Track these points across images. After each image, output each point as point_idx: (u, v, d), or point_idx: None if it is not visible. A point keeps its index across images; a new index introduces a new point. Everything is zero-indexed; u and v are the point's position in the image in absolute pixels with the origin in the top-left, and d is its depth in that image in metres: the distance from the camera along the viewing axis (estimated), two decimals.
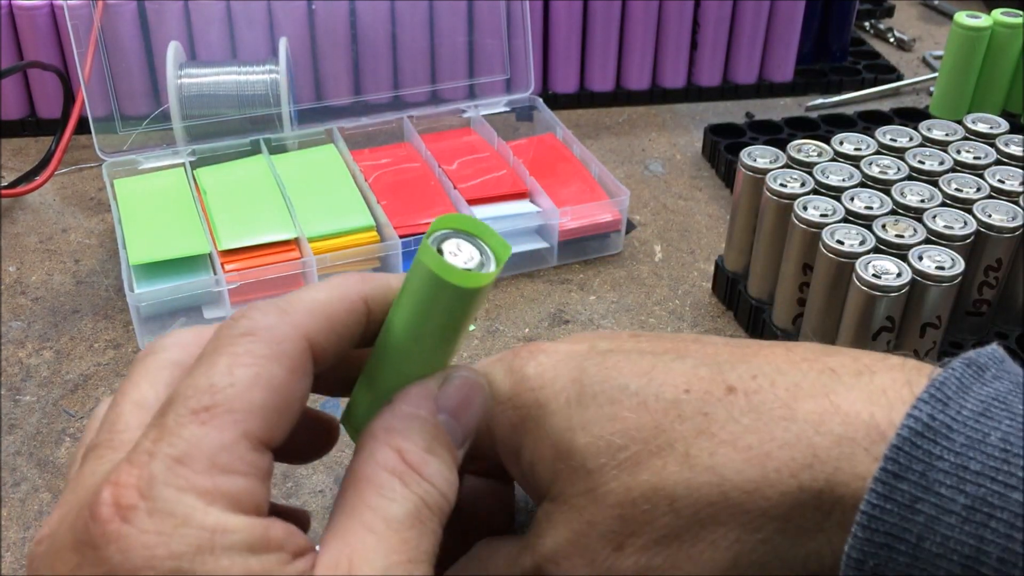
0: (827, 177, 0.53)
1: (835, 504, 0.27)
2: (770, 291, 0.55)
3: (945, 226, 0.49)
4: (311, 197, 0.61)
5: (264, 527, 0.25)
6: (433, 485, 0.28)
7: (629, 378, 0.30)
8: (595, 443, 0.29)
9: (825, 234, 0.49)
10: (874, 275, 0.46)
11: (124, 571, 0.23)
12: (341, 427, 0.33)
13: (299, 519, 0.33)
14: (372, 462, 0.28)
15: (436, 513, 0.28)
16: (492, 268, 0.29)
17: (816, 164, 0.54)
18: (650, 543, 0.28)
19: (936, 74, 0.79)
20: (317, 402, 0.47)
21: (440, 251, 0.29)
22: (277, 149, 0.66)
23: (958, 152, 0.55)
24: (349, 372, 0.32)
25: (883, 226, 0.49)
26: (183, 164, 0.64)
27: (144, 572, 0.23)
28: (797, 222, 0.51)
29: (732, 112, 0.80)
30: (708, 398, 0.29)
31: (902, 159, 0.54)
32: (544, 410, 0.31)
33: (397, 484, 0.27)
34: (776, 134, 0.73)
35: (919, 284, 0.47)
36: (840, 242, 0.48)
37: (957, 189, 0.52)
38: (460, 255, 0.29)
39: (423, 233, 0.58)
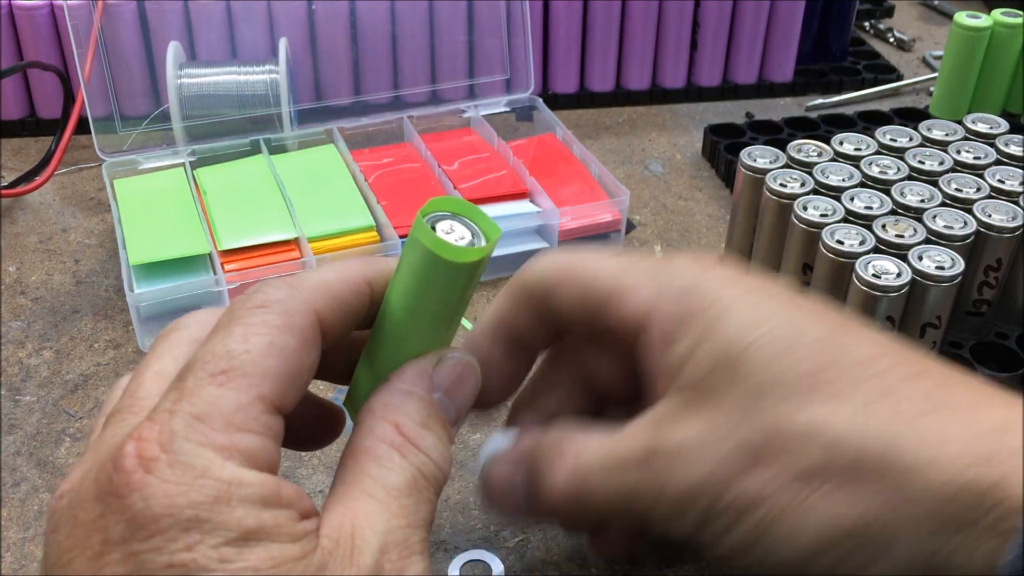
0: (827, 177, 0.53)
1: (995, 506, 0.26)
2: None
3: (945, 226, 0.49)
4: (311, 197, 0.61)
5: (276, 484, 0.26)
6: (429, 457, 0.30)
7: (819, 325, 0.30)
8: (773, 364, 0.29)
9: (825, 234, 0.49)
10: (874, 275, 0.46)
11: (145, 518, 0.24)
12: (347, 417, 0.34)
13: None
14: (371, 435, 0.29)
15: (432, 483, 0.30)
16: (483, 243, 0.30)
17: (816, 164, 0.54)
18: (786, 475, 0.28)
19: (936, 74, 0.79)
20: (329, 394, 0.47)
21: (433, 229, 0.30)
22: (277, 149, 0.66)
23: (958, 152, 0.55)
24: (351, 358, 0.34)
25: (883, 226, 0.49)
26: (183, 164, 0.64)
27: (164, 519, 0.24)
28: (797, 222, 0.51)
29: (732, 112, 0.80)
30: (899, 370, 0.29)
31: (902, 159, 0.54)
32: (725, 310, 0.30)
33: (395, 455, 0.29)
34: (776, 134, 0.73)
35: (919, 284, 0.47)
36: (840, 242, 0.48)
37: (957, 189, 0.52)
38: (453, 233, 0.30)
39: None
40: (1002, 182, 0.52)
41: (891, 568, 0.27)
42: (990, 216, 0.50)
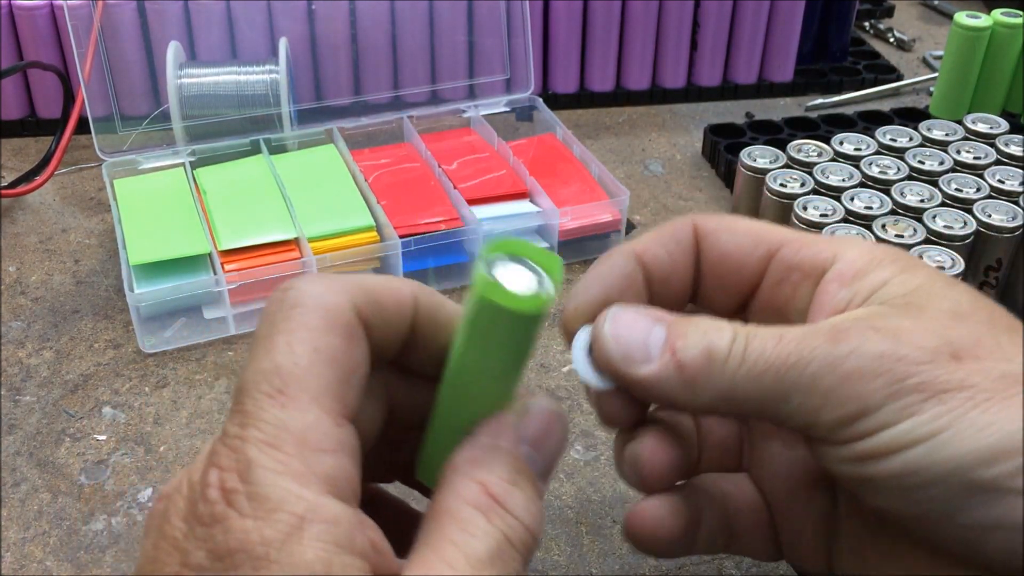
0: (827, 177, 0.53)
1: None
2: None
3: (945, 226, 0.49)
4: (311, 197, 0.61)
5: (351, 526, 0.25)
6: (517, 518, 0.27)
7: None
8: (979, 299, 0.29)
9: (825, 234, 0.49)
10: None
11: (223, 551, 0.24)
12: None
13: (410, 517, 0.33)
14: (455, 495, 0.27)
15: (520, 549, 0.27)
16: (549, 285, 0.28)
17: (816, 164, 0.54)
18: (991, 372, 0.27)
19: (936, 74, 0.79)
20: None
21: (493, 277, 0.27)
22: (277, 149, 0.66)
23: (958, 152, 0.55)
24: (398, 455, 0.32)
25: (883, 226, 0.49)
26: (183, 164, 0.64)
27: (239, 555, 0.24)
28: (797, 222, 0.51)
29: (732, 112, 0.80)
30: None
31: (902, 159, 0.54)
32: (922, 265, 0.31)
33: (480, 519, 0.27)
34: (776, 134, 0.73)
35: None
36: None
37: (957, 189, 0.52)
38: (517, 280, 0.28)
39: (423, 233, 0.58)
40: (1002, 182, 0.52)
41: None
42: (990, 216, 0.50)
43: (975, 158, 0.54)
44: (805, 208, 0.51)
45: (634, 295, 0.33)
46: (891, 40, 0.92)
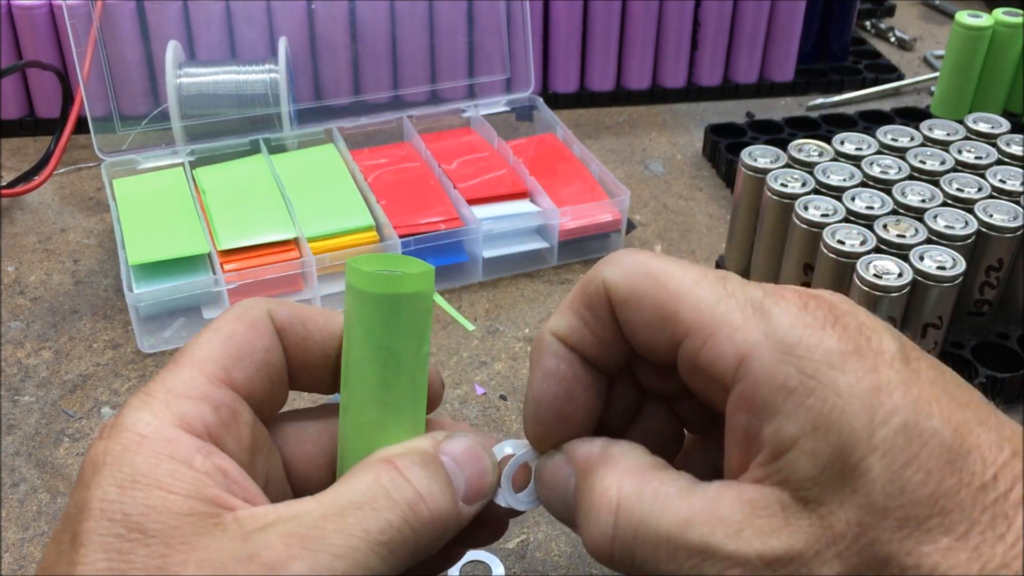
0: (828, 177, 0.53)
1: None
2: None
3: (946, 226, 0.49)
4: (310, 197, 0.61)
5: (198, 447, 0.28)
6: (410, 482, 0.28)
7: (942, 409, 0.26)
8: (892, 479, 0.25)
9: (826, 234, 0.49)
10: (875, 275, 0.46)
11: (82, 470, 0.27)
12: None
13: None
14: (360, 467, 0.29)
15: (403, 509, 0.27)
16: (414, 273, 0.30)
17: (817, 164, 0.54)
18: None
19: (937, 74, 0.78)
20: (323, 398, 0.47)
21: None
22: (276, 149, 0.66)
23: (959, 152, 0.55)
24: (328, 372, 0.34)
25: (884, 226, 0.49)
26: (182, 164, 0.64)
27: (86, 468, 0.27)
28: (798, 222, 0.50)
29: (732, 112, 0.80)
30: (1019, 490, 0.25)
31: (903, 159, 0.54)
32: (842, 392, 0.26)
33: (369, 474, 0.28)
34: (777, 134, 0.72)
35: (920, 284, 0.47)
36: (841, 242, 0.48)
37: (958, 189, 0.52)
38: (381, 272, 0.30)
39: (423, 232, 0.58)
40: (1003, 182, 0.52)
41: None
42: (991, 216, 0.50)
43: (976, 158, 0.54)
44: (806, 208, 0.51)
45: (582, 393, 0.31)
46: (892, 40, 0.92)
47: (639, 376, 0.33)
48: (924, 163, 0.54)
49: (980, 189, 0.52)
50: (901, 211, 0.51)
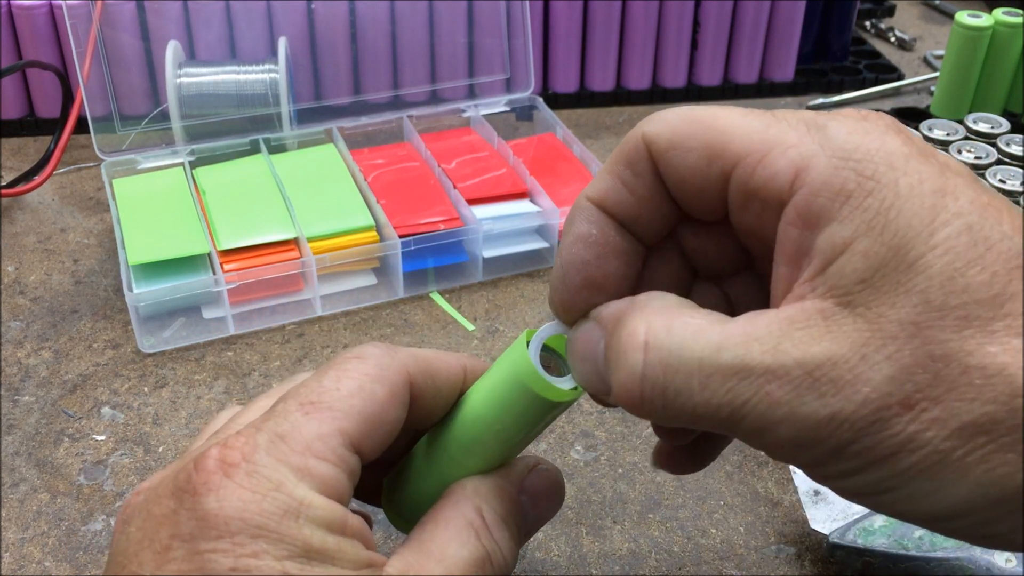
0: None
1: None
2: None
3: None
4: (311, 197, 0.61)
5: (344, 513, 0.27)
6: (500, 548, 0.30)
7: (1010, 221, 0.24)
8: (953, 276, 0.23)
9: None
10: None
11: (217, 519, 0.25)
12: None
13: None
14: (454, 509, 0.30)
15: (497, 570, 0.30)
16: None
17: None
18: (948, 425, 0.23)
19: (937, 74, 0.78)
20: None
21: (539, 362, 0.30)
22: (276, 149, 0.66)
23: (959, 152, 0.55)
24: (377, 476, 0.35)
25: None
26: (182, 164, 0.64)
27: (234, 523, 0.25)
28: None
29: None
30: None
31: None
32: (901, 193, 0.24)
33: (471, 534, 0.29)
34: None
35: None
36: None
37: None
38: (552, 368, 0.30)
39: (423, 232, 0.58)
40: (1003, 182, 0.52)
41: None
42: None
43: (976, 158, 0.54)
44: None
45: (615, 260, 0.29)
46: (892, 40, 0.92)
47: (685, 246, 0.31)
48: None
49: None
50: None
